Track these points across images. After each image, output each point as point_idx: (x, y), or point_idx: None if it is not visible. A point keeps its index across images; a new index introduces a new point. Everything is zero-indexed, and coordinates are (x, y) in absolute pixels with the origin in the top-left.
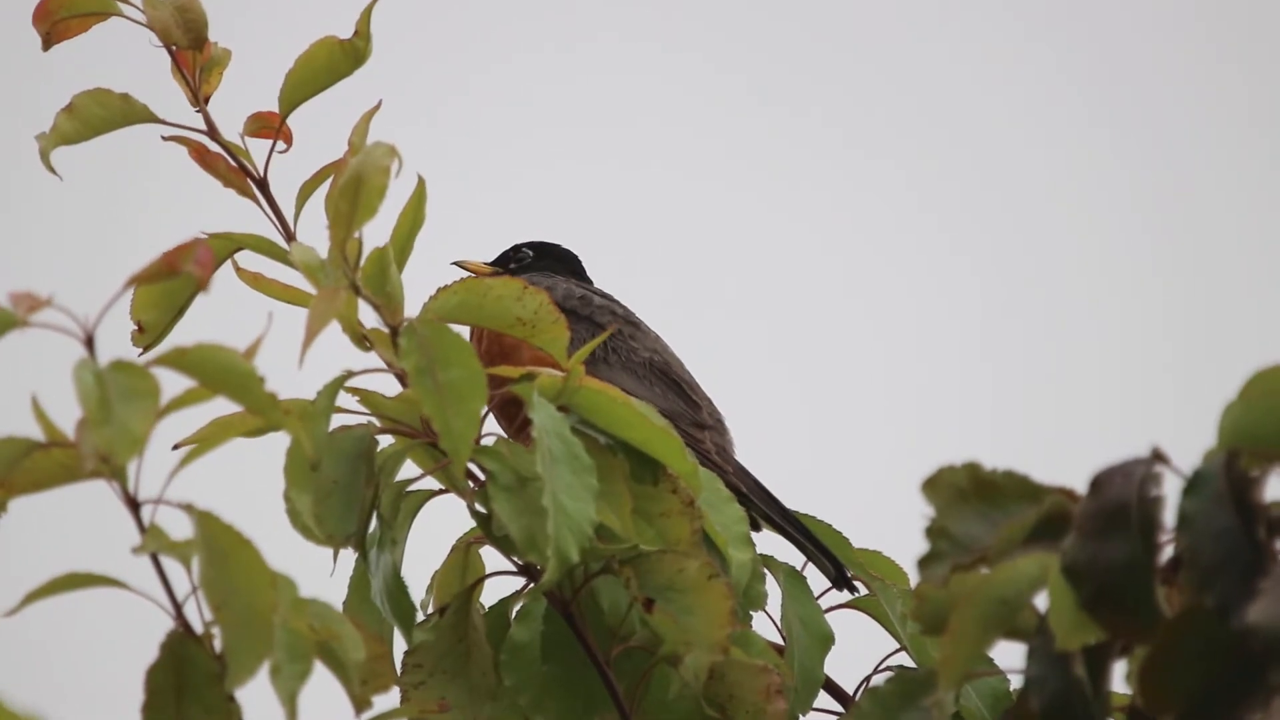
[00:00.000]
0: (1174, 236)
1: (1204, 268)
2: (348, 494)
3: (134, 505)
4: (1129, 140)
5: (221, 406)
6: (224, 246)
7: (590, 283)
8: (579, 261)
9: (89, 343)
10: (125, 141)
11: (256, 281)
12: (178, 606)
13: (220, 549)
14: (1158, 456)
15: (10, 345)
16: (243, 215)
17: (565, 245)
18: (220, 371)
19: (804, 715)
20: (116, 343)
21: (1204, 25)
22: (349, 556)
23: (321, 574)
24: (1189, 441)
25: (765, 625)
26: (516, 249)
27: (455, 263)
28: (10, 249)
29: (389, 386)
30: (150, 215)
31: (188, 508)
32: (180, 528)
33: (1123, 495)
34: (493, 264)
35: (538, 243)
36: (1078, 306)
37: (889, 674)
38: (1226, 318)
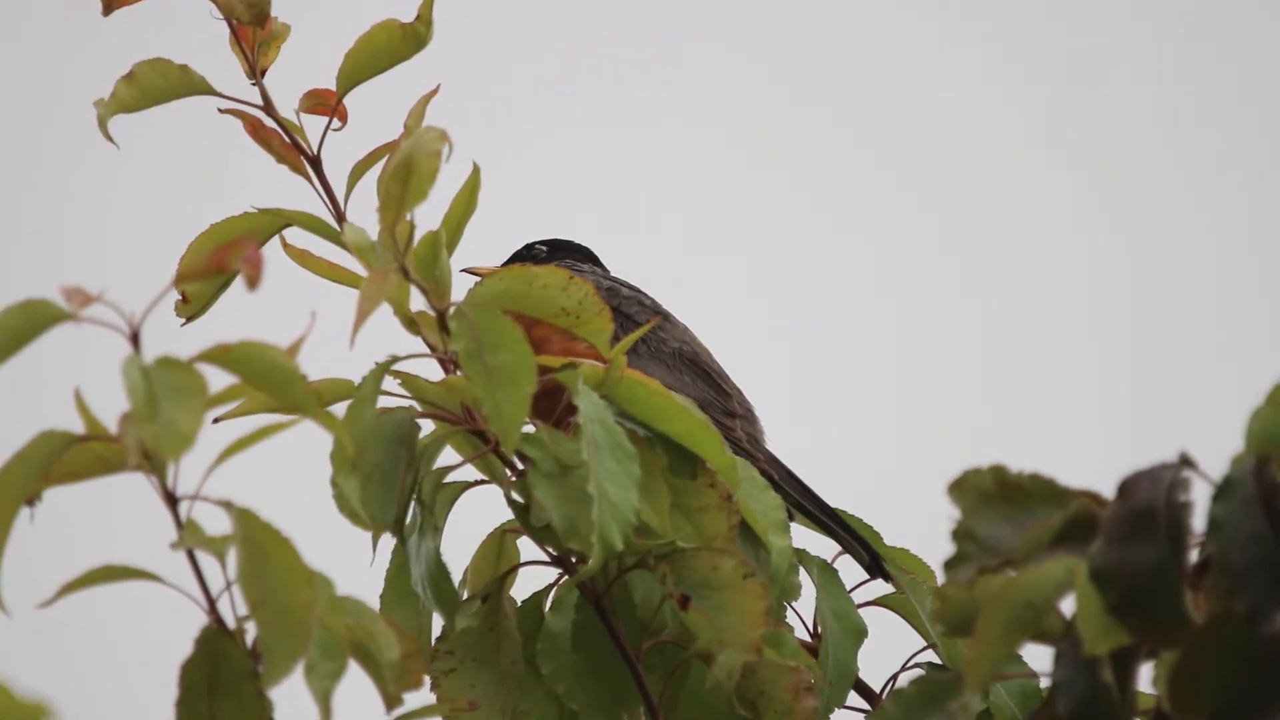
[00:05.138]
0: (1176, 242)
1: (1208, 273)
2: (388, 479)
3: (172, 500)
4: (1108, 146)
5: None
6: (273, 222)
7: (608, 273)
8: (595, 255)
9: (134, 338)
10: (180, 113)
11: (303, 258)
12: (212, 602)
13: (259, 546)
14: (1185, 461)
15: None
16: (293, 192)
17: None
18: (263, 369)
19: (837, 708)
20: (159, 319)
21: (1178, 29)
22: (382, 552)
23: (349, 568)
24: (1183, 442)
25: (793, 622)
26: (529, 247)
27: (465, 269)
28: (61, 219)
29: (428, 372)
30: (201, 188)
31: (227, 505)
32: (216, 522)
33: (1151, 500)
34: (505, 265)
35: (551, 239)
36: (1092, 309)
37: (916, 673)
38: (1210, 325)
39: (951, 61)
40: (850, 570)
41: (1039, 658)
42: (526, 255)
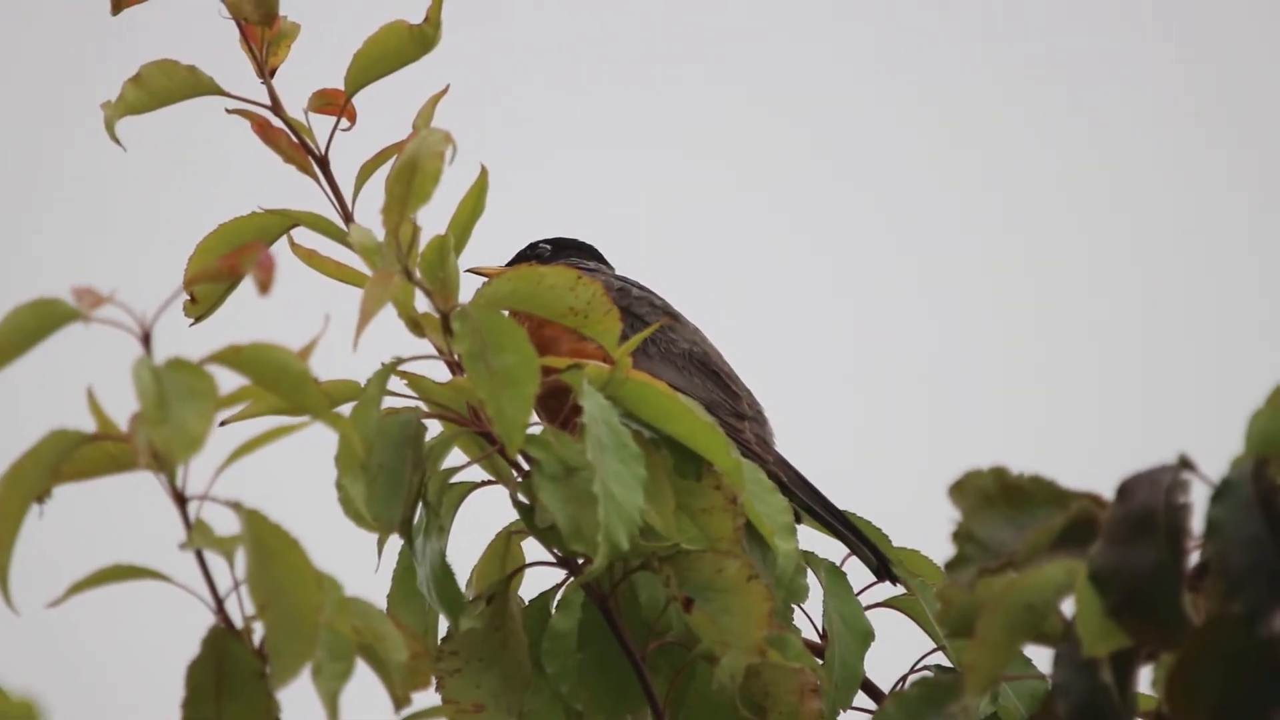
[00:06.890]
0: (1176, 240)
1: (1208, 272)
2: (394, 479)
3: (181, 500)
4: (1103, 144)
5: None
6: (280, 222)
7: (616, 273)
8: (599, 253)
9: (146, 339)
10: (186, 114)
11: (311, 258)
12: (220, 602)
13: (267, 549)
14: (1185, 464)
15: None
16: (301, 192)
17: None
18: (274, 371)
19: (844, 712)
20: (168, 319)
21: (1155, 26)
22: (389, 553)
23: (358, 569)
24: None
25: (801, 623)
26: (534, 246)
27: (470, 270)
28: (69, 219)
29: (434, 373)
30: (208, 189)
31: (236, 506)
32: (224, 522)
33: (1150, 502)
34: (510, 265)
35: (555, 238)
36: (1089, 309)
37: (924, 675)
38: (1208, 326)
39: (921, 66)
40: (858, 573)
41: (1041, 660)
42: (530, 254)
